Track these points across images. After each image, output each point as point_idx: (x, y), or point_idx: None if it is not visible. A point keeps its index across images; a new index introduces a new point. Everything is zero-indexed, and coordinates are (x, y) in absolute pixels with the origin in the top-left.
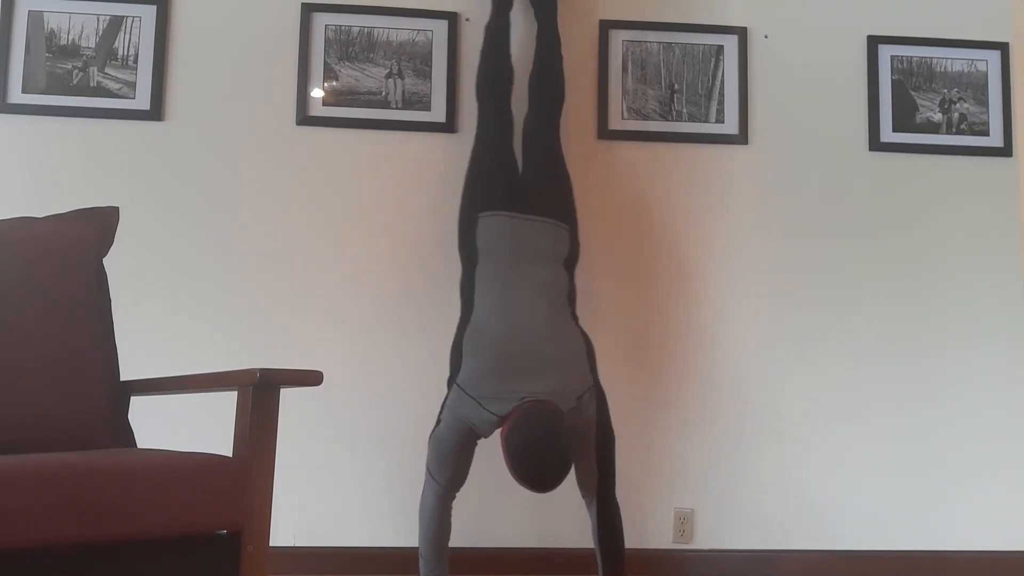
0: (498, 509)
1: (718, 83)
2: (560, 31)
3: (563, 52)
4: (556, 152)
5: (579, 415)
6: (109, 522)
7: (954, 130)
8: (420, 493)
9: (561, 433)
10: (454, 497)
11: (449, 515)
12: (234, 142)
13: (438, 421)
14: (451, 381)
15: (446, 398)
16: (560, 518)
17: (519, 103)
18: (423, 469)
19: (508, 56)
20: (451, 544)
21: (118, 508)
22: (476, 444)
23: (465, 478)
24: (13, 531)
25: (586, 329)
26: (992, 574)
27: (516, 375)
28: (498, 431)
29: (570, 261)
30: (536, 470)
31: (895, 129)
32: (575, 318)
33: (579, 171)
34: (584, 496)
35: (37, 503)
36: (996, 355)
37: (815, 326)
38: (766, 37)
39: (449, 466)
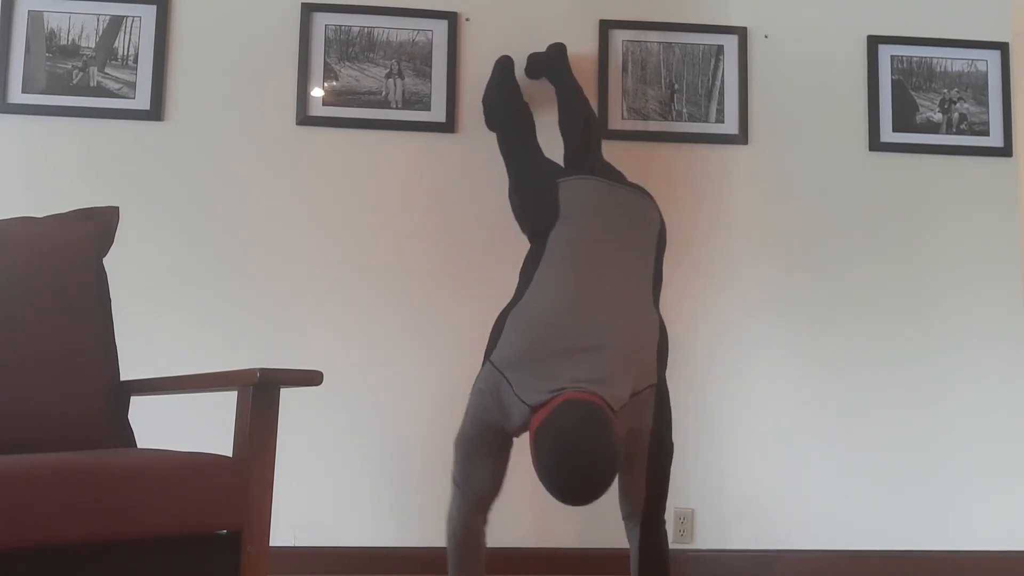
0: (498, 509)
1: (718, 83)
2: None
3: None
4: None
5: (633, 418)
6: (109, 522)
7: (954, 130)
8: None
9: (605, 437)
10: (485, 515)
11: (481, 537)
12: (234, 142)
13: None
14: (485, 360)
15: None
16: (560, 518)
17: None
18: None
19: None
20: None
21: (118, 508)
22: (510, 447)
23: (498, 490)
24: (13, 531)
25: None
26: (993, 574)
27: (560, 356)
28: (526, 432)
29: (660, 244)
30: (571, 483)
31: (895, 129)
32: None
33: None
34: (625, 516)
35: (37, 503)
36: (996, 355)
37: (815, 325)
38: (766, 37)
39: (476, 469)
